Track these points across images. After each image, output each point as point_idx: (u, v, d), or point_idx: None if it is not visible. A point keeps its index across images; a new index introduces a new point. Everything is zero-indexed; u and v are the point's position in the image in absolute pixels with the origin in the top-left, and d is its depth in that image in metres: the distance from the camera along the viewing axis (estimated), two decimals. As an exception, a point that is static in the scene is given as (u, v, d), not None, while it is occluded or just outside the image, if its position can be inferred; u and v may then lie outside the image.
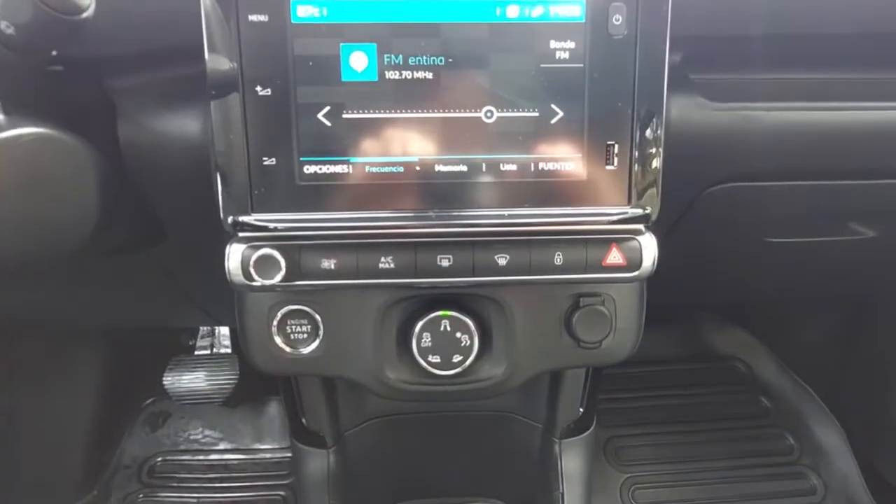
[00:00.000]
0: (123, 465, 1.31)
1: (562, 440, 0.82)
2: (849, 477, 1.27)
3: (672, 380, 1.46)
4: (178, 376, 1.22)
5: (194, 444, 1.35)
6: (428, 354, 0.59)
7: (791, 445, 1.33)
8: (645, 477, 1.27)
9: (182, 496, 1.25)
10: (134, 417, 1.38)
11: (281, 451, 1.33)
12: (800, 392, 1.41)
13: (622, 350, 0.62)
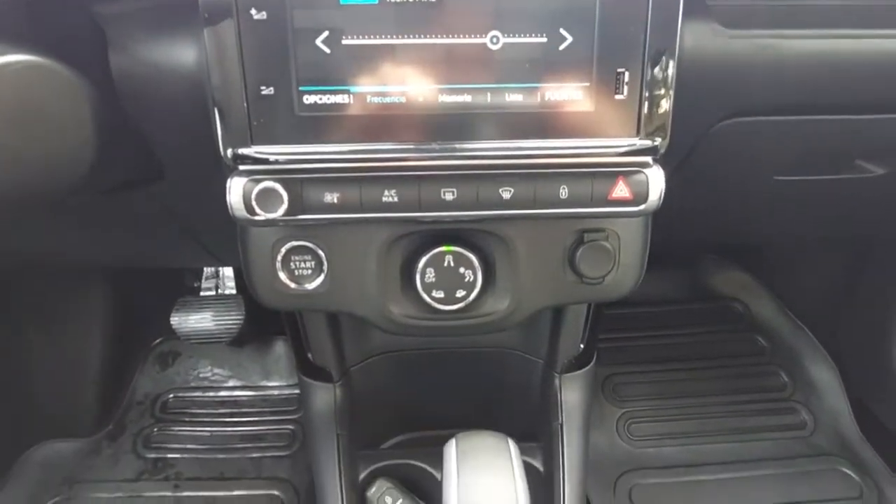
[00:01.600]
0: (136, 401, 1.36)
1: (562, 375, 0.84)
2: (839, 413, 1.31)
3: (671, 320, 1.49)
4: (184, 316, 1.24)
5: (204, 381, 1.39)
6: (431, 290, 0.60)
7: (785, 382, 1.37)
8: (641, 412, 1.32)
9: (195, 430, 1.30)
10: (144, 357, 1.41)
11: (288, 388, 1.38)
12: (796, 332, 1.44)
13: (624, 286, 0.62)
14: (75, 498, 1.19)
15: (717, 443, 1.25)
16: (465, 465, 0.51)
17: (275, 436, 1.29)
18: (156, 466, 1.24)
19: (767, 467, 1.21)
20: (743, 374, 1.38)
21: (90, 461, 1.25)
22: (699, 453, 1.24)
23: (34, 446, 1.26)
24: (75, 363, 1.31)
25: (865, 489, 1.18)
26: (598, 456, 1.22)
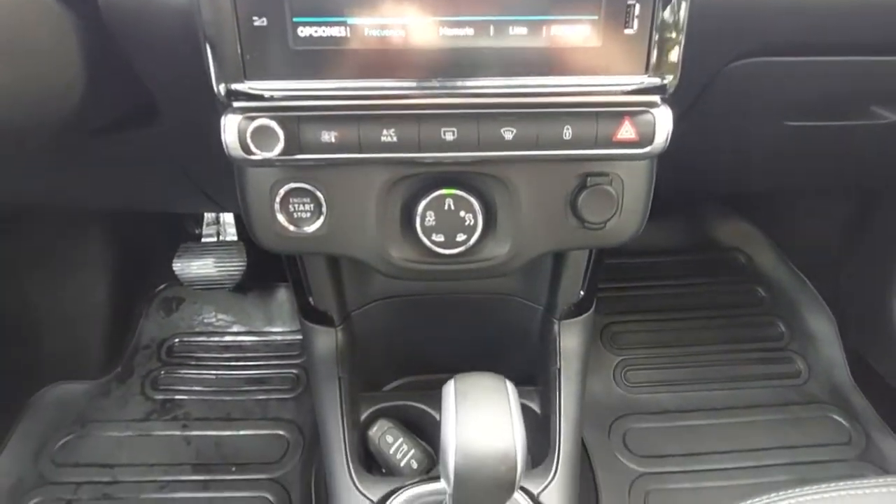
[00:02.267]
0: (142, 345, 1.39)
1: (561, 321, 0.85)
2: (834, 362, 1.33)
3: (671, 270, 1.49)
4: (187, 262, 1.25)
5: (209, 326, 1.41)
6: (431, 233, 0.59)
7: (782, 332, 1.38)
8: (637, 360, 1.34)
9: (201, 373, 1.34)
10: (148, 302, 1.43)
11: (291, 333, 1.40)
12: (796, 283, 1.44)
13: (627, 231, 0.62)
14: (87, 436, 1.23)
15: (711, 390, 1.28)
16: (464, 404, 0.52)
17: (279, 379, 1.32)
18: (164, 407, 1.28)
19: (759, 413, 1.24)
20: (741, 323, 1.39)
21: (100, 402, 1.28)
22: (693, 399, 1.27)
23: (45, 387, 1.29)
24: (80, 308, 1.33)
25: (854, 435, 1.21)
26: (594, 401, 1.25)
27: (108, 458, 1.19)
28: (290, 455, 1.19)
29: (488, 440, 0.50)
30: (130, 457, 1.19)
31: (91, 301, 1.33)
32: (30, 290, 1.29)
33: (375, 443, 0.85)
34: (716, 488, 1.13)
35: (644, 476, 1.15)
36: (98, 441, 1.22)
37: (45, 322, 1.31)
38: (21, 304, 1.28)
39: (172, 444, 1.21)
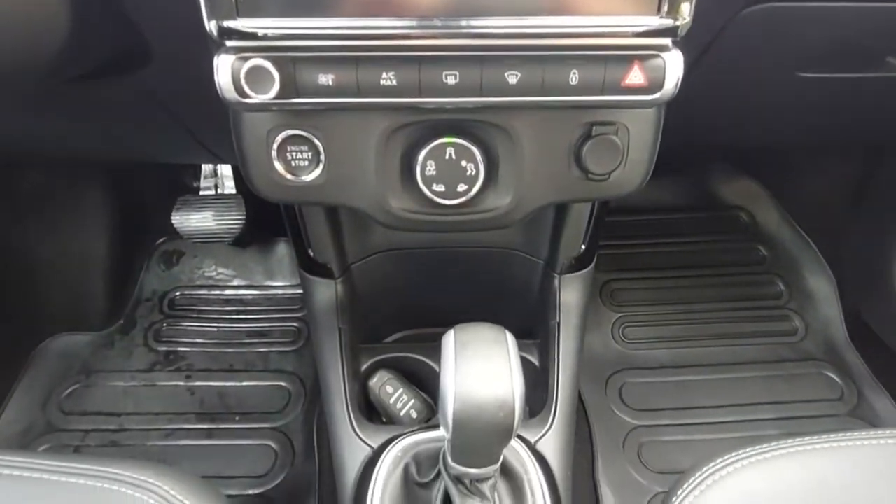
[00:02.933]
0: (144, 298, 1.39)
1: (561, 275, 0.85)
2: (831, 320, 1.34)
3: (674, 228, 1.48)
4: (185, 215, 1.24)
5: (209, 280, 1.42)
6: (432, 183, 0.58)
7: (781, 291, 1.39)
8: (636, 317, 1.35)
9: (203, 326, 1.35)
10: (148, 255, 1.43)
11: (291, 287, 1.40)
12: (799, 242, 1.44)
13: (631, 183, 0.60)
14: (93, 385, 1.25)
15: (707, 346, 1.30)
16: (463, 354, 0.53)
17: (280, 332, 1.34)
18: (167, 359, 1.30)
19: (754, 370, 1.26)
20: (740, 282, 1.40)
21: (104, 353, 1.30)
22: (689, 356, 1.28)
23: (49, 338, 1.31)
24: (81, 260, 1.33)
25: (846, 391, 1.23)
26: (592, 356, 1.27)
27: (114, 407, 1.22)
28: (291, 405, 1.22)
29: (487, 387, 0.50)
30: (136, 406, 1.22)
31: (91, 253, 1.33)
32: (29, 241, 1.29)
33: (375, 393, 0.87)
34: (707, 441, 1.16)
35: (638, 429, 1.18)
36: (104, 390, 1.24)
37: (46, 273, 1.31)
38: (22, 255, 1.28)
39: (177, 394, 1.24)
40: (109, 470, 0.61)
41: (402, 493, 0.66)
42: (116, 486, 0.59)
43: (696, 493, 0.60)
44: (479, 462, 0.56)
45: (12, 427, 1.19)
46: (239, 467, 1.13)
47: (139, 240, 1.42)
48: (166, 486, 0.59)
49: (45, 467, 0.61)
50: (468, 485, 0.59)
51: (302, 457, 1.14)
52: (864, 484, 0.61)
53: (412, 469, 0.67)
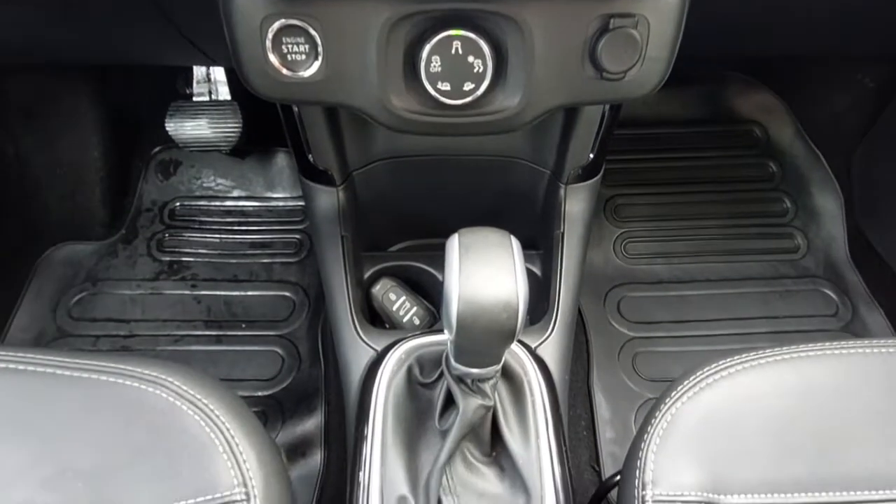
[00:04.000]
0: (144, 208, 1.38)
1: (568, 185, 0.83)
2: (834, 238, 1.34)
3: (684, 142, 1.45)
4: (179, 123, 1.20)
5: (209, 191, 1.40)
6: (437, 81, 0.55)
7: (787, 208, 1.38)
8: (639, 232, 1.35)
9: (205, 236, 1.35)
10: (145, 164, 1.41)
11: (293, 199, 1.39)
12: (810, 158, 1.41)
13: (648, 83, 0.57)
14: (100, 293, 1.27)
15: (707, 262, 1.30)
16: (467, 258, 0.52)
17: (282, 244, 1.34)
18: (171, 268, 1.31)
19: (752, 286, 1.28)
20: (747, 199, 1.38)
21: (108, 262, 1.31)
22: (689, 271, 1.29)
23: (52, 248, 1.31)
24: (77, 170, 1.31)
25: (841, 308, 1.25)
26: (593, 271, 1.28)
27: (123, 314, 1.24)
28: (296, 314, 1.24)
29: (491, 288, 0.51)
30: (144, 313, 1.25)
31: (86, 163, 1.31)
32: (23, 153, 1.26)
33: (379, 300, 0.88)
34: (700, 352, 1.19)
35: (633, 340, 1.21)
36: (111, 298, 1.27)
37: (43, 184, 1.29)
38: (17, 166, 1.25)
39: (183, 302, 1.26)
40: (120, 366, 0.62)
41: (405, 392, 0.68)
42: (129, 381, 0.61)
43: (690, 395, 0.62)
44: (481, 363, 0.58)
45: (25, 333, 1.22)
46: (247, 371, 1.18)
47: (134, 149, 1.39)
48: (177, 381, 0.61)
49: (57, 363, 0.62)
50: (470, 384, 0.61)
51: (308, 362, 1.18)
52: (854, 389, 0.63)
53: (415, 370, 0.70)
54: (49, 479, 0.56)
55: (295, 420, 1.11)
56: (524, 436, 0.65)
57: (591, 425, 1.11)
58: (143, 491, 0.55)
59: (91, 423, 0.59)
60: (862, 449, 0.59)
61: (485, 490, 0.64)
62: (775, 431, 0.60)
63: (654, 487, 0.57)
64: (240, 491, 0.55)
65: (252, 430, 0.60)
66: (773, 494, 0.57)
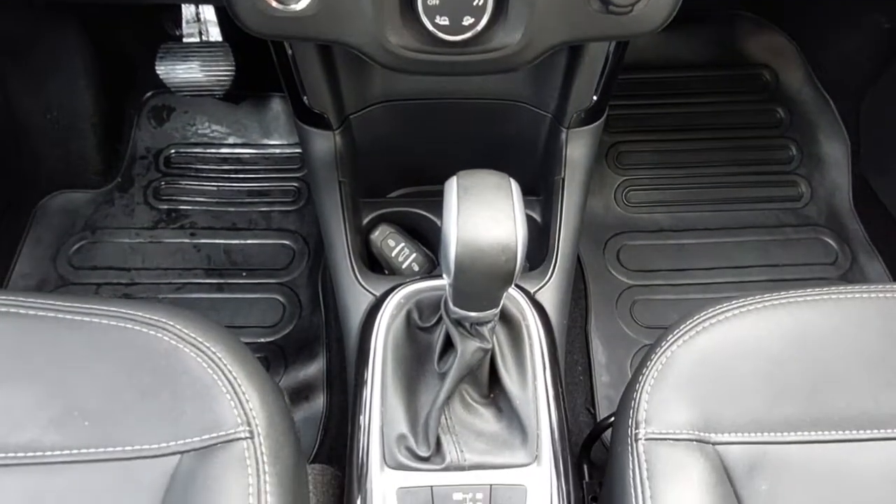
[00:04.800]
0: (139, 155, 1.36)
1: (569, 129, 0.81)
2: (838, 186, 1.32)
3: (690, 87, 1.41)
4: (170, 66, 1.16)
5: (203, 137, 1.38)
6: (435, 15, 0.52)
7: (793, 156, 1.35)
8: (640, 180, 1.33)
9: (202, 185, 1.33)
10: (138, 110, 1.38)
11: (289, 146, 1.37)
12: (820, 104, 1.37)
13: (656, 18, 0.55)
14: (99, 242, 1.27)
15: (708, 211, 1.29)
16: (466, 200, 0.52)
17: (280, 192, 1.33)
18: (170, 216, 1.30)
19: (752, 234, 1.27)
20: (752, 146, 1.35)
21: (105, 210, 1.30)
22: (689, 220, 1.29)
23: (48, 196, 1.30)
24: (68, 116, 1.28)
25: (841, 256, 1.25)
26: (593, 220, 1.27)
27: (124, 262, 1.25)
28: (296, 262, 1.25)
29: (490, 230, 0.50)
30: (145, 261, 1.25)
31: (77, 109, 1.28)
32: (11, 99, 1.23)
33: (377, 246, 0.88)
34: (697, 300, 1.20)
35: (632, 288, 1.22)
36: (110, 247, 1.26)
37: (34, 131, 1.27)
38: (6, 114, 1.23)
39: (183, 251, 1.26)
40: (122, 310, 0.63)
41: (404, 336, 0.69)
42: (131, 325, 0.62)
43: (685, 339, 0.63)
44: (480, 306, 0.58)
45: (26, 280, 1.23)
46: (249, 318, 1.19)
47: (126, 94, 1.36)
48: (179, 325, 0.62)
49: (59, 307, 0.63)
50: (468, 328, 0.61)
51: (308, 310, 1.19)
52: (849, 333, 0.63)
53: (414, 315, 0.70)
54: (57, 419, 0.58)
55: (297, 366, 1.13)
56: (521, 378, 0.67)
57: (587, 370, 1.13)
58: (150, 429, 0.57)
59: (95, 365, 0.60)
60: (853, 391, 0.61)
61: (482, 429, 0.65)
62: (768, 373, 0.61)
63: (647, 426, 0.58)
64: (244, 429, 0.56)
65: (253, 371, 0.61)
66: (763, 433, 0.59)
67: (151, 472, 0.55)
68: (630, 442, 0.58)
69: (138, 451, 0.56)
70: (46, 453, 0.56)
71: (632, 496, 0.54)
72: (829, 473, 0.57)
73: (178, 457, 0.56)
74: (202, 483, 0.54)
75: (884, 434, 0.59)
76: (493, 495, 0.62)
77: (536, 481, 0.63)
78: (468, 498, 0.62)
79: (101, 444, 0.56)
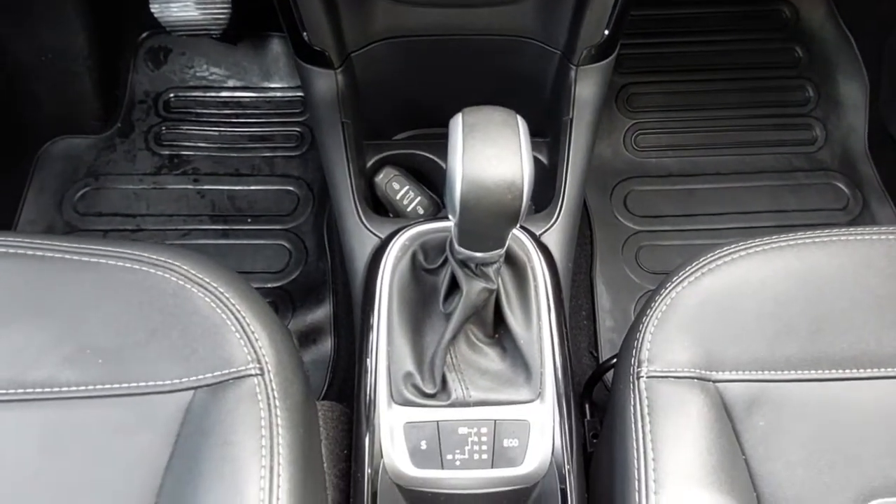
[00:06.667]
0: (138, 100, 1.34)
1: (579, 67, 0.78)
2: (854, 129, 1.28)
3: (705, 24, 1.35)
4: (164, 3, 1.12)
5: (203, 80, 1.34)
6: (439, -62, 0.50)
7: (809, 97, 1.31)
8: (650, 123, 1.30)
9: (203, 129, 1.31)
10: (134, 52, 1.34)
11: (291, 90, 1.33)
12: (840, 42, 1.31)
13: None
14: (103, 188, 1.27)
15: (719, 155, 1.27)
16: (471, 137, 0.50)
17: (282, 137, 1.30)
18: (172, 162, 1.29)
19: (763, 179, 1.25)
20: (768, 87, 1.31)
21: (107, 156, 1.29)
22: (699, 164, 1.26)
23: (49, 142, 1.29)
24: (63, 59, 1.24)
25: (852, 202, 1.23)
26: (601, 164, 1.25)
27: (129, 209, 1.25)
28: (301, 208, 1.24)
29: (495, 168, 0.49)
30: (150, 207, 1.25)
31: (72, 51, 1.24)
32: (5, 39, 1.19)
33: (382, 189, 0.87)
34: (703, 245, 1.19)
35: (638, 233, 1.21)
36: (115, 193, 1.26)
37: (29, 75, 1.24)
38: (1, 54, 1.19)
39: (187, 197, 1.26)
40: (128, 251, 0.63)
41: (410, 277, 0.69)
42: (138, 265, 0.62)
43: (690, 280, 0.63)
44: (485, 246, 0.58)
45: (33, 227, 1.23)
46: (256, 264, 1.20)
47: (121, 35, 1.32)
48: (186, 265, 0.62)
49: (67, 249, 0.63)
50: (473, 269, 0.61)
51: (315, 256, 1.20)
52: (856, 274, 0.63)
53: (420, 256, 0.70)
54: (71, 357, 0.59)
55: (304, 310, 1.15)
56: (526, 318, 0.67)
57: (591, 315, 1.14)
58: (162, 366, 0.58)
59: (105, 305, 0.61)
60: (856, 331, 0.61)
61: (487, 367, 0.67)
62: (772, 313, 0.61)
63: (650, 364, 0.59)
64: (254, 366, 0.58)
65: (261, 311, 0.62)
66: (764, 372, 0.60)
67: (166, 406, 0.57)
68: (632, 380, 0.59)
69: (153, 386, 0.58)
70: (63, 389, 0.57)
71: (632, 430, 0.56)
72: (826, 410, 0.58)
73: (191, 392, 0.57)
74: (216, 417, 0.55)
75: (883, 373, 0.59)
76: (496, 430, 0.64)
77: (539, 417, 0.64)
78: (473, 432, 0.63)
79: (117, 381, 0.58)
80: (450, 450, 0.63)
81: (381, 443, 0.64)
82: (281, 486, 0.51)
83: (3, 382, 0.57)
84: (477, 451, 0.63)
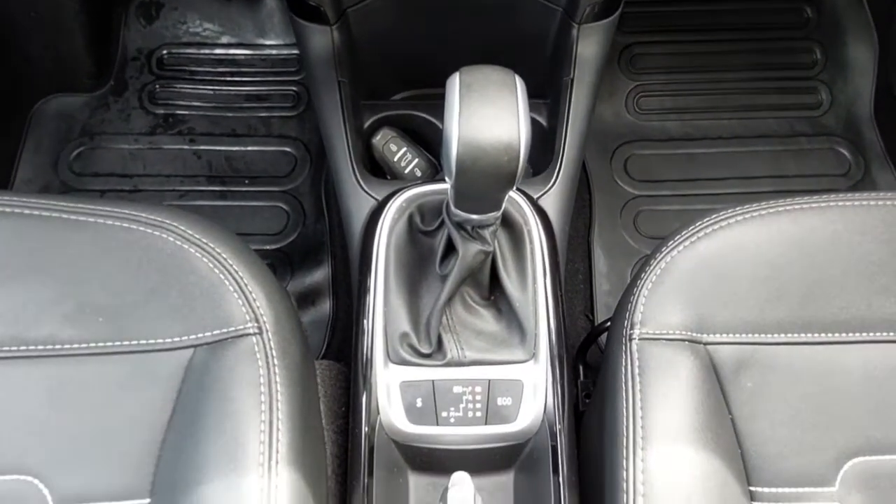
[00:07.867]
0: (130, 57, 1.31)
1: (581, 25, 0.76)
2: (860, 94, 1.26)
3: (713, -19, 1.31)
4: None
5: (196, 37, 1.31)
6: None
7: (816, 60, 1.28)
8: (653, 86, 1.27)
9: (198, 88, 1.29)
10: (125, 8, 1.30)
11: (286, 47, 1.30)
12: (852, 3, 1.28)
13: None
14: (98, 147, 1.25)
15: (722, 119, 1.25)
16: (468, 97, 0.50)
17: (279, 96, 1.28)
18: (167, 122, 1.27)
19: (765, 144, 1.24)
20: (774, 49, 1.28)
21: (102, 115, 1.27)
22: (701, 128, 1.24)
23: (42, 100, 1.27)
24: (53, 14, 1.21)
25: (854, 167, 1.22)
26: (602, 127, 1.23)
27: (125, 169, 1.24)
28: (298, 169, 1.23)
29: (492, 129, 0.49)
30: (146, 168, 1.24)
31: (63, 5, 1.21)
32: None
33: (379, 150, 0.86)
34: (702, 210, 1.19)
35: (638, 198, 1.20)
36: (110, 153, 1.25)
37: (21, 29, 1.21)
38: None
39: (184, 157, 1.24)
40: (125, 211, 0.63)
41: (406, 239, 0.70)
42: (135, 225, 0.62)
43: (686, 244, 0.63)
44: (481, 208, 0.58)
45: (30, 186, 1.23)
46: (253, 226, 1.20)
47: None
48: (183, 226, 0.62)
49: (63, 208, 0.63)
50: (470, 231, 0.61)
51: (312, 217, 1.20)
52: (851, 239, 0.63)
53: (416, 218, 0.70)
54: (71, 315, 0.60)
55: (303, 272, 1.16)
56: (522, 281, 0.68)
57: (587, 278, 1.15)
58: (161, 325, 0.59)
59: (103, 264, 0.61)
60: (848, 295, 0.62)
61: (482, 329, 0.68)
62: (766, 277, 0.62)
63: (642, 327, 0.60)
64: (252, 325, 0.58)
65: (259, 271, 0.62)
66: (754, 335, 0.61)
67: (167, 364, 0.58)
68: (624, 341, 0.60)
69: (153, 344, 0.59)
70: (65, 346, 0.58)
71: (622, 390, 0.57)
72: (813, 373, 0.59)
73: (191, 350, 0.59)
74: (216, 374, 0.57)
75: (872, 336, 0.60)
76: (491, 389, 0.65)
77: (533, 377, 0.66)
78: (468, 391, 0.65)
79: (117, 338, 0.59)
80: (444, 407, 0.64)
81: (377, 400, 0.65)
82: (280, 440, 0.53)
83: (6, 339, 0.58)
84: (471, 408, 0.64)
